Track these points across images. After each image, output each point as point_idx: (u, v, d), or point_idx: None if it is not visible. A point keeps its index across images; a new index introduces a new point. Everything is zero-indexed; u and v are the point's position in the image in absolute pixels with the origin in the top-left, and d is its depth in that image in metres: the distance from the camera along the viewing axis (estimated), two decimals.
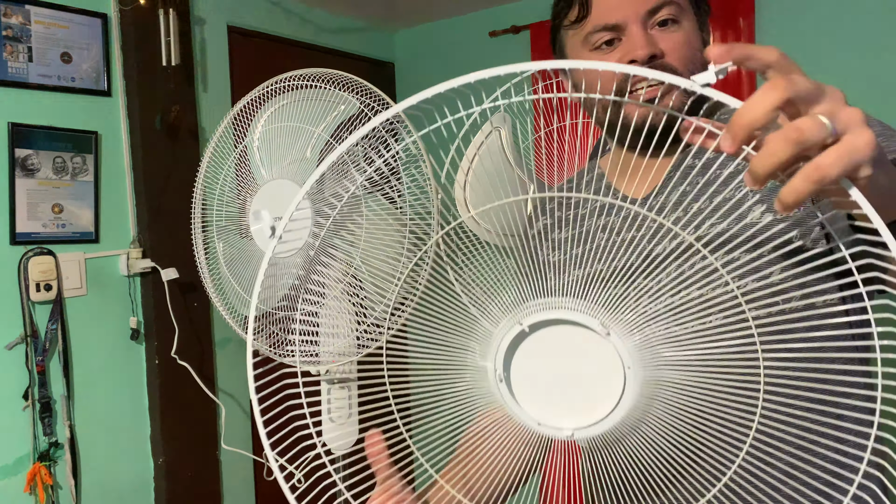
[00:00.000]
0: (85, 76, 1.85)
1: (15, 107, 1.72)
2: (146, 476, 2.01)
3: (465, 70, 1.85)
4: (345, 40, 2.68)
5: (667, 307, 0.53)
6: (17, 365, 1.74)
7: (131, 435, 1.98)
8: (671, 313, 0.53)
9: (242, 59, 2.29)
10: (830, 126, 0.41)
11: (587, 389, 0.55)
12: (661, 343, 0.53)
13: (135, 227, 1.97)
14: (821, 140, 0.41)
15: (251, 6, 2.31)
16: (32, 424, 1.76)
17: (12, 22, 1.71)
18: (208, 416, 2.11)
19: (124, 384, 1.96)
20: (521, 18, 2.52)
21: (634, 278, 0.54)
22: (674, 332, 0.53)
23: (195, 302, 2.06)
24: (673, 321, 0.53)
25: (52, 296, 1.77)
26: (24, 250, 1.73)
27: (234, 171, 1.46)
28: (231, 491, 2.21)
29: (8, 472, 1.73)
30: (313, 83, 1.32)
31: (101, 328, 1.90)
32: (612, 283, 0.55)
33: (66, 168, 1.81)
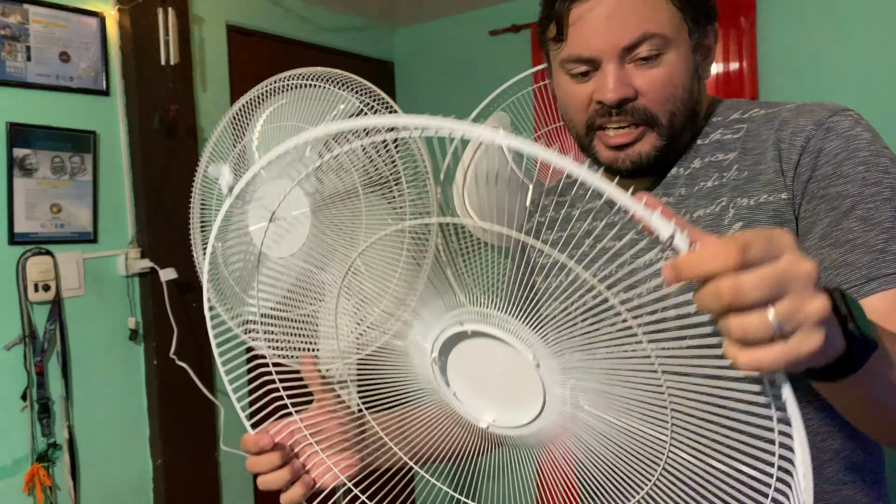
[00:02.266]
0: (83, 75, 1.85)
1: (13, 106, 1.72)
2: (145, 476, 2.01)
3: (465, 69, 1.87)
4: (344, 39, 2.68)
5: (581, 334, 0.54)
6: (15, 365, 1.73)
7: (130, 435, 1.97)
8: (584, 342, 0.54)
9: (241, 58, 2.28)
10: (776, 328, 0.40)
11: (514, 395, 0.59)
12: (580, 370, 0.55)
13: (133, 227, 1.96)
14: (761, 339, 0.41)
15: (250, 5, 2.30)
16: (31, 425, 1.75)
17: (10, 21, 1.71)
18: (207, 417, 2.10)
19: (123, 385, 1.95)
20: (522, 17, 2.51)
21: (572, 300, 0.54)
22: (587, 362, 0.54)
23: (194, 302, 2.06)
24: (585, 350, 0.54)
25: (51, 296, 1.76)
26: (22, 250, 1.73)
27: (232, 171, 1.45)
28: (230, 491, 2.21)
29: (6, 473, 1.72)
30: (313, 82, 1.31)
31: (99, 328, 1.89)
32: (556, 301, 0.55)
33: (65, 168, 1.81)
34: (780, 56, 2.02)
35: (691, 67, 0.79)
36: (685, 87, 0.79)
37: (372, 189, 1.30)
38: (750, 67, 2.03)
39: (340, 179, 1.33)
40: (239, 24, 2.27)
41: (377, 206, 1.31)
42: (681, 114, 0.79)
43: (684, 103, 0.79)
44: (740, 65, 2.04)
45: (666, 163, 0.83)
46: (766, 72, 2.04)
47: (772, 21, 2.03)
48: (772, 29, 2.03)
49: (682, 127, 0.80)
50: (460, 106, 1.78)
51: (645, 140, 0.80)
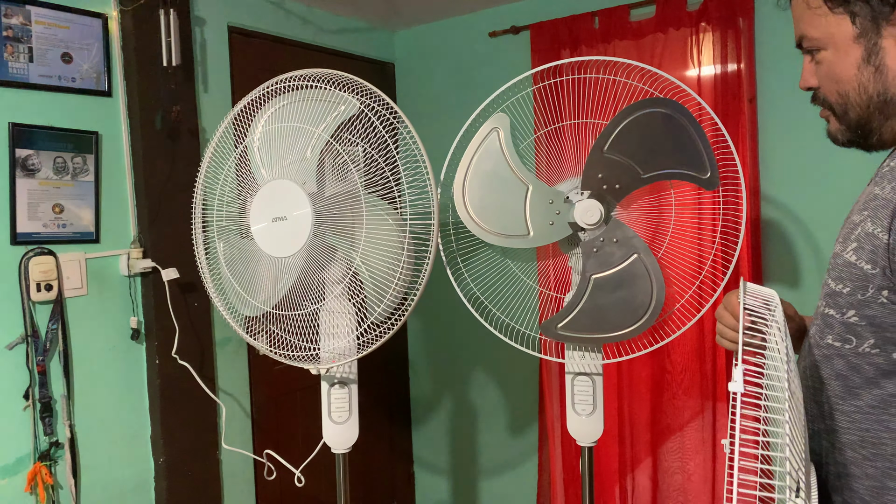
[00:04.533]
0: (85, 76, 1.86)
1: (15, 107, 1.72)
2: (146, 476, 2.02)
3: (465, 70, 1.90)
4: (345, 40, 2.69)
5: None
6: (17, 365, 1.74)
7: (132, 435, 1.98)
8: None
9: (243, 59, 2.29)
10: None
11: None
12: None
13: (135, 227, 1.97)
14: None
15: (252, 6, 2.31)
16: (33, 424, 1.76)
17: (13, 22, 1.72)
18: (208, 416, 2.11)
19: (125, 384, 1.96)
20: (522, 19, 2.52)
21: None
22: None
23: (195, 302, 2.06)
24: None
25: (53, 296, 1.77)
26: (24, 250, 1.74)
27: (234, 172, 1.46)
28: (231, 491, 2.22)
29: (8, 472, 1.73)
30: (314, 83, 1.32)
31: (101, 328, 1.90)
32: None
33: (67, 168, 1.81)
34: (779, 57, 2.03)
35: (856, 60, 0.81)
36: (850, 81, 0.82)
37: (373, 189, 1.31)
38: (748, 68, 2.04)
39: (342, 180, 1.34)
40: (240, 25, 2.28)
41: (378, 206, 1.31)
42: (853, 107, 0.83)
43: (854, 97, 0.83)
44: (738, 66, 2.04)
45: (880, 142, 0.85)
46: (765, 73, 2.05)
47: (770, 22, 2.04)
48: (770, 30, 2.04)
49: (862, 118, 0.83)
50: (460, 107, 1.79)
51: (832, 123, 0.88)
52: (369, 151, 1.30)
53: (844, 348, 0.80)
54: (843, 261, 0.79)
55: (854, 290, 0.78)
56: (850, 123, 0.85)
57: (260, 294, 1.38)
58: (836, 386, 0.82)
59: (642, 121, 1.36)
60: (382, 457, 2.91)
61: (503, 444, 2.78)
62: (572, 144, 1.49)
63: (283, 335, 1.39)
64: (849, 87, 0.83)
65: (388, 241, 1.29)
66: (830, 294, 0.82)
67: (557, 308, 1.50)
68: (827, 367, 0.83)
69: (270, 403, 2.38)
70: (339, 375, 1.47)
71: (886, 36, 0.79)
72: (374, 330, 1.34)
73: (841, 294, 0.80)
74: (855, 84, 0.82)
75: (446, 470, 2.98)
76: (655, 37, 2.17)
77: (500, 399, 2.78)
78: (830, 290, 0.82)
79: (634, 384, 2.28)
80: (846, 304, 0.79)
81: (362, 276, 1.33)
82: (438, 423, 2.98)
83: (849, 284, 0.78)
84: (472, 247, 1.49)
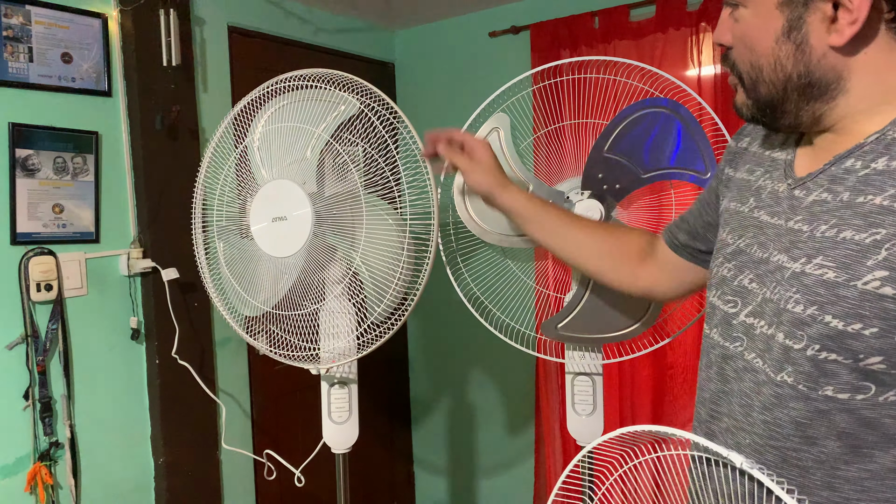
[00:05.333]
0: (85, 76, 1.86)
1: (15, 107, 1.72)
2: (146, 476, 2.02)
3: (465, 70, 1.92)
4: (345, 40, 2.68)
5: None
6: (17, 365, 1.74)
7: (132, 434, 1.98)
8: None
9: (243, 59, 2.29)
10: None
11: None
12: None
13: (135, 227, 1.97)
14: None
15: (251, 6, 2.31)
16: (33, 424, 1.76)
17: (13, 22, 1.72)
18: (209, 416, 2.11)
19: (125, 384, 1.96)
20: (521, 18, 2.52)
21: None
22: None
23: (195, 302, 2.06)
24: None
25: (53, 296, 1.77)
26: (24, 250, 1.74)
27: (234, 172, 1.46)
28: (231, 490, 2.22)
29: (8, 472, 1.73)
30: (313, 83, 1.32)
31: (101, 328, 1.90)
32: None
33: (67, 168, 1.81)
34: None
35: (775, 30, 0.70)
36: (764, 52, 0.71)
37: (373, 189, 1.31)
38: None
39: (342, 180, 1.34)
40: (240, 25, 2.28)
41: (378, 206, 1.31)
42: (765, 83, 0.72)
43: (767, 71, 0.71)
44: None
45: (790, 123, 0.73)
46: None
47: None
48: None
49: (775, 97, 0.72)
50: (461, 107, 1.79)
51: (739, 93, 0.77)
52: (369, 151, 1.30)
53: (855, 400, 0.64)
54: (860, 293, 0.62)
55: (886, 330, 0.61)
56: (758, 99, 0.73)
57: (260, 294, 1.38)
58: (835, 448, 0.65)
59: (642, 121, 1.36)
60: (382, 457, 2.91)
61: (503, 443, 2.78)
62: (572, 144, 1.49)
63: (283, 335, 1.39)
64: (763, 61, 0.71)
65: (388, 241, 1.29)
66: (833, 336, 0.64)
67: (557, 308, 1.50)
68: (822, 425, 0.66)
69: (270, 403, 2.38)
70: (339, 375, 1.47)
71: (814, 10, 0.67)
72: (373, 330, 1.34)
73: (858, 336, 0.63)
74: (771, 59, 0.70)
75: (446, 470, 2.98)
76: (655, 37, 2.16)
77: (500, 399, 2.78)
78: (832, 331, 0.64)
79: (635, 384, 2.28)
80: (868, 348, 0.62)
81: (362, 276, 1.33)
82: (438, 422, 2.98)
83: (875, 324, 0.62)
84: (472, 247, 1.49)
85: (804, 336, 0.66)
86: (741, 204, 0.82)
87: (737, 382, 0.75)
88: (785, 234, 0.72)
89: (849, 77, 0.68)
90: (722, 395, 0.78)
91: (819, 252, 0.67)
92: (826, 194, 0.69)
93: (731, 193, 0.85)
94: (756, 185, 0.80)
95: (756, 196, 0.79)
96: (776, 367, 0.69)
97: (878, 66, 0.67)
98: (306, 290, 1.36)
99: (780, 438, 0.69)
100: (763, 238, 0.75)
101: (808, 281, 0.67)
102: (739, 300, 0.76)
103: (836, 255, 0.65)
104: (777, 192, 0.76)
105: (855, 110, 0.69)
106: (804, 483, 0.67)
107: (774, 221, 0.74)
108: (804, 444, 0.67)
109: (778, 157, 0.79)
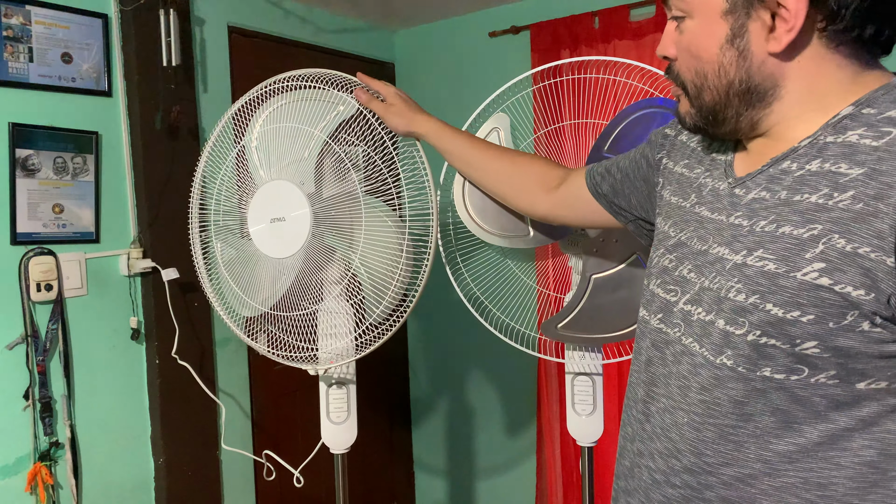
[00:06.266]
0: (85, 76, 1.86)
1: (15, 107, 1.73)
2: (147, 476, 2.02)
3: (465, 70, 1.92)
4: (345, 40, 2.68)
5: None
6: (17, 365, 1.74)
7: (132, 435, 1.98)
8: None
9: (242, 59, 2.29)
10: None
11: None
12: None
13: (135, 227, 1.97)
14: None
15: (251, 6, 2.31)
16: (33, 424, 1.76)
17: (13, 22, 1.72)
18: (209, 416, 2.11)
19: (125, 384, 1.96)
20: (521, 19, 2.52)
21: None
22: None
23: (195, 302, 2.06)
24: None
25: (53, 296, 1.77)
26: (24, 250, 1.74)
27: (232, 172, 1.45)
28: (231, 491, 2.22)
29: (8, 472, 1.73)
30: (312, 83, 1.32)
31: (101, 328, 1.90)
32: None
33: (67, 168, 1.81)
34: None
35: (719, 37, 0.73)
36: (710, 59, 0.74)
37: (372, 190, 1.30)
38: None
39: (340, 181, 1.34)
40: (240, 25, 2.28)
41: (376, 207, 1.31)
42: (709, 89, 0.76)
43: (711, 78, 0.75)
44: None
45: (730, 130, 0.78)
46: None
47: None
48: None
49: (718, 104, 0.76)
50: (461, 107, 1.79)
51: (682, 103, 0.81)
52: (368, 152, 1.30)
53: (790, 380, 0.69)
54: (798, 283, 0.67)
55: (822, 318, 0.66)
56: (701, 107, 0.77)
57: (258, 294, 1.38)
58: (769, 422, 0.71)
59: (642, 121, 1.36)
60: (382, 457, 2.91)
61: (503, 444, 2.78)
62: (572, 144, 1.49)
63: (282, 336, 1.39)
64: (708, 67, 0.75)
65: (386, 242, 1.29)
66: (772, 322, 0.69)
67: (557, 308, 1.50)
68: (758, 402, 0.71)
69: (270, 404, 2.38)
70: (337, 376, 1.47)
71: (755, 19, 0.71)
72: (372, 331, 1.33)
73: (796, 323, 0.67)
74: (715, 65, 0.74)
75: (446, 470, 2.97)
76: (655, 37, 2.16)
77: (500, 399, 2.78)
78: (772, 318, 0.69)
79: None
80: (804, 334, 0.67)
81: (361, 277, 1.33)
82: (438, 423, 2.98)
83: (812, 311, 0.66)
84: (471, 247, 1.49)
85: (745, 322, 0.71)
86: (683, 199, 0.87)
87: (675, 365, 0.80)
88: (726, 228, 0.77)
89: (784, 84, 0.73)
90: (660, 377, 0.83)
91: (759, 245, 0.72)
92: (764, 192, 0.74)
93: (672, 187, 0.90)
94: (697, 182, 0.85)
95: (697, 193, 0.84)
96: (715, 350, 0.75)
97: (809, 73, 0.71)
98: (305, 290, 1.36)
99: (719, 416, 0.74)
100: (703, 232, 0.80)
101: (750, 272, 0.72)
102: (679, 289, 0.81)
103: (775, 249, 0.70)
104: (718, 189, 0.81)
105: (788, 116, 0.74)
106: (738, 456, 0.73)
107: (715, 217, 0.79)
108: (741, 421, 0.73)
109: (718, 158, 0.84)
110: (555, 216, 1.19)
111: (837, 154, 0.68)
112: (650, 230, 1.01)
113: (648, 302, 0.88)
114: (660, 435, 0.81)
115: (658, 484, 0.80)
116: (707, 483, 0.75)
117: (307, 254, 1.30)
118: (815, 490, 0.69)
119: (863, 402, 0.68)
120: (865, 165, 0.65)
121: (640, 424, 0.85)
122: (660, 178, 0.94)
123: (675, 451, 0.78)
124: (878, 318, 0.64)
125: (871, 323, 0.65)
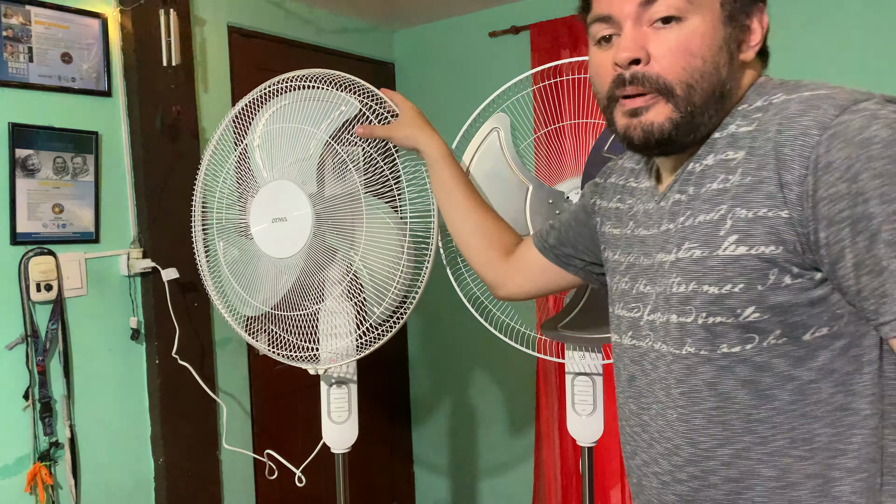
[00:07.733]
0: (85, 76, 1.86)
1: (15, 107, 1.72)
2: (147, 476, 2.02)
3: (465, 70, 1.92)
4: (345, 40, 2.68)
5: None
6: (17, 365, 1.74)
7: (132, 435, 1.98)
8: None
9: (243, 59, 2.29)
10: None
11: None
12: None
13: (135, 227, 1.97)
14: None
15: (251, 6, 2.31)
16: (33, 424, 1.76)
17: (13, 22, 1.71)
18: (209, 416, 2.11)
19: (125, 384, 1.96)
20: (522, 19, 2.52)
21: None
22: None
23: (196, 302, 2.06)
24: None
25: (53, 296, 1.77)
26: (24, 250, 1.74)
27: (234, 172, 1.46)
28: (231, 491, 2.22)
29: (8, 472, 1.73)
30: (313, 84, 1.32)
31: (101, 328, 1.90)
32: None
33: (67, 168, 1.81)
34: (775, 58, 2.02)
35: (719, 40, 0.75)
36: (708, 58, 0.75)
37: (373, 190, 1.31)
38: None
39: (342, 181, 1.34)
40: (240, 25, 2.28)
41: (378, 207, 1.31)
42: (702, 89, 0.75)
43: (706, 77, 0.75)
44: None
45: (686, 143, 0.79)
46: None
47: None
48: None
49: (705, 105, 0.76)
50: (460, 107, 1.79)
51: (658, 109, 0.77)
52: (369, 152, 1.30)
53: (746, 350, 0.73)
54: (722, 259, 0.73)
55: (750, 284, 0.71)
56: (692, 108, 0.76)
57: (259, 294, 1.38)
58: (743, 396, 0.75)
59: None
60: (382, 457, 2.91)
61: (504, 443, 2.78)
62: (572, 144, 1.49)
63: (283, 335, 1.39)
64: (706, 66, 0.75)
65: (388, 242, 1.29)
66: (712, 300, 0.74)
67: (557, 308, 1.50)
68: (728, 379, 0.75)
69: (270, 403, 2.38)
70: (338, 375, 1.47)
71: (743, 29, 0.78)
72: (373, 331, 1.34)
73: (731, 295, 0.72)
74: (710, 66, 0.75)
75: (446, 470, 2.98)
76: None
77: (500, 399, 2.78)
78: (711, 297, 0.74)
79: None
80: (740, 303, 0.72)
81: (362, 277, 1.33)
82: (439, 422, 2.98)
83: (741, 280, 0.72)
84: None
85: (692, 309, 0.77)
86: (623, 228, 0.94)
87: (654, 372, 0.85)
88: (660, 236, 0.84)
89: (736, 92, 0.79)
90: (645, 387, 0.87)
91: (685, 239, 0.78)
92: (679, 195, 0.81)
93: (611, 221, 0.98)
94: (631, 210, 0.92)
95: (633, 219, 0.91)
96: (678, 343, 0.80)
97: (742, 85, 0.79)
98: (306, 290, 1.36)
99: (700, 402, 0.78)
100: (646, 248, 0.87)
101: (683, 264, 0.78)
102: (640, 304, 0.87)
103: (697, 237, 0.77)
104: (648, 210, 0.88)
105: (713, 124, 0.79)
106: (728, 435, 0.77)
107: (651, 232, 0.86)
108: (720, 401, 0.77)
109: (644, 186, 0.91)
110: (508, 283, 1.19)
111: (724, 145, 0.77)
112: (600, 274, 1.07)
113: (617, 326, 0.93)
114: (658, 439, 0.84)
115: (667, 485, 0.83)
116: (709, 468, 0.78)
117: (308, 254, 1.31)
118: (802, 446, 0.73)
119: (816, 353, 0.72)
120: (745, 147, 0.74)
121: (639, 437, 0.88)
122: (598, 218, 1.02)
123: (675, 448, 0.81)
124: (795, 268, 0.70)
125: (791, 275, 0.70)
